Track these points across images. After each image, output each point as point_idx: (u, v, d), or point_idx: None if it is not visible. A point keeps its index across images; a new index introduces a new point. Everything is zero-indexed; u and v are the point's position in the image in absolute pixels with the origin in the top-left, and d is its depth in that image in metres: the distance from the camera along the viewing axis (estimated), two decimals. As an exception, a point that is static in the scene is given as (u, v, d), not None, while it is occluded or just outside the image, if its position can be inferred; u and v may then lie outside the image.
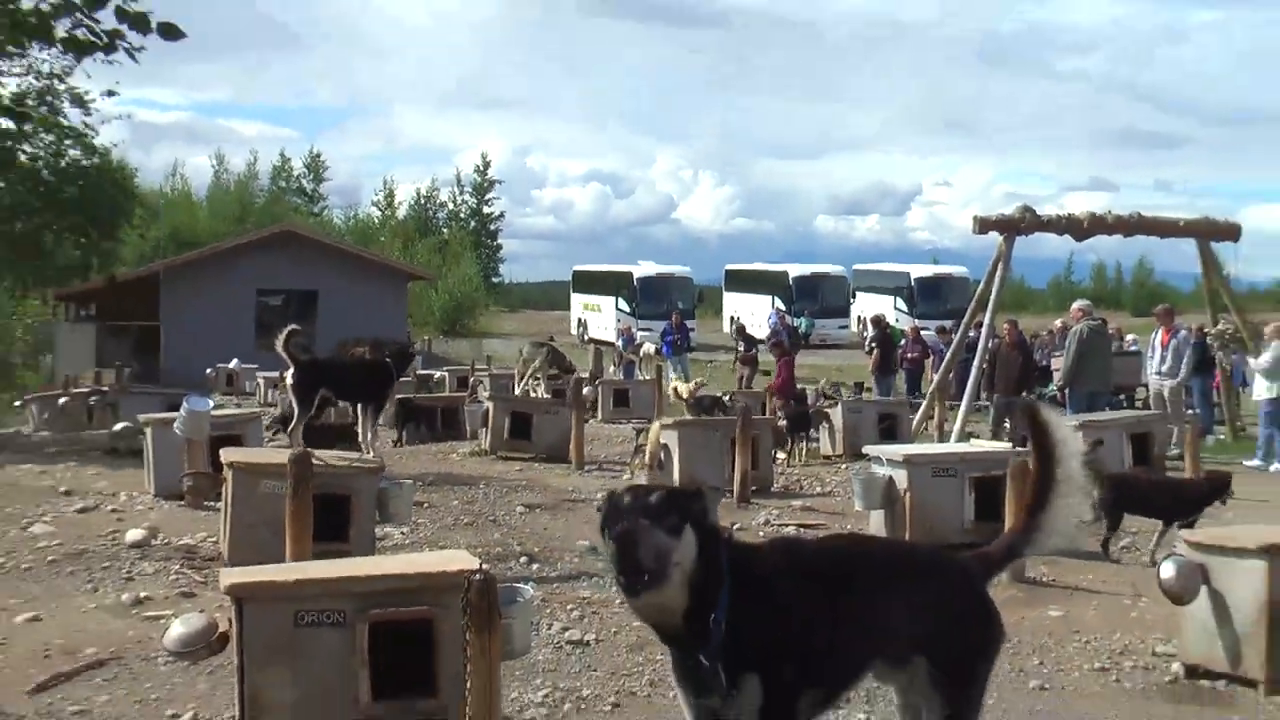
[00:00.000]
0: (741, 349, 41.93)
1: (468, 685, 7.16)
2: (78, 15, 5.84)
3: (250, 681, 8.22)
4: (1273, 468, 22.85)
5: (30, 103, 22.20)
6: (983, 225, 27.31)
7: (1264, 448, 23.59)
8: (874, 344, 38.45)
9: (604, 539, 4.68)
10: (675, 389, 31.50)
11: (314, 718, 8.25)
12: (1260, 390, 23.73)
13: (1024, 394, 26.12)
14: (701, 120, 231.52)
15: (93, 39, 5.86)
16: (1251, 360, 24.38)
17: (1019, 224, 27.09)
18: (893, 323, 45.81)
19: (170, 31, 5.87)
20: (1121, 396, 29.30)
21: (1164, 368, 25.69)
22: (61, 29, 5.86)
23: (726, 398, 29.07)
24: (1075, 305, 26.55)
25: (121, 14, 5.94)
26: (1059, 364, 28.10)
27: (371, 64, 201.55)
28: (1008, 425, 25.51)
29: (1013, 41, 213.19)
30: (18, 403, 36.29)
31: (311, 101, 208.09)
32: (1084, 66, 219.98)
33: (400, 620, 8.34)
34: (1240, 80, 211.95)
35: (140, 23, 5.76)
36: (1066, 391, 24.52)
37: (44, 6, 5.84)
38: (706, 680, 4.31)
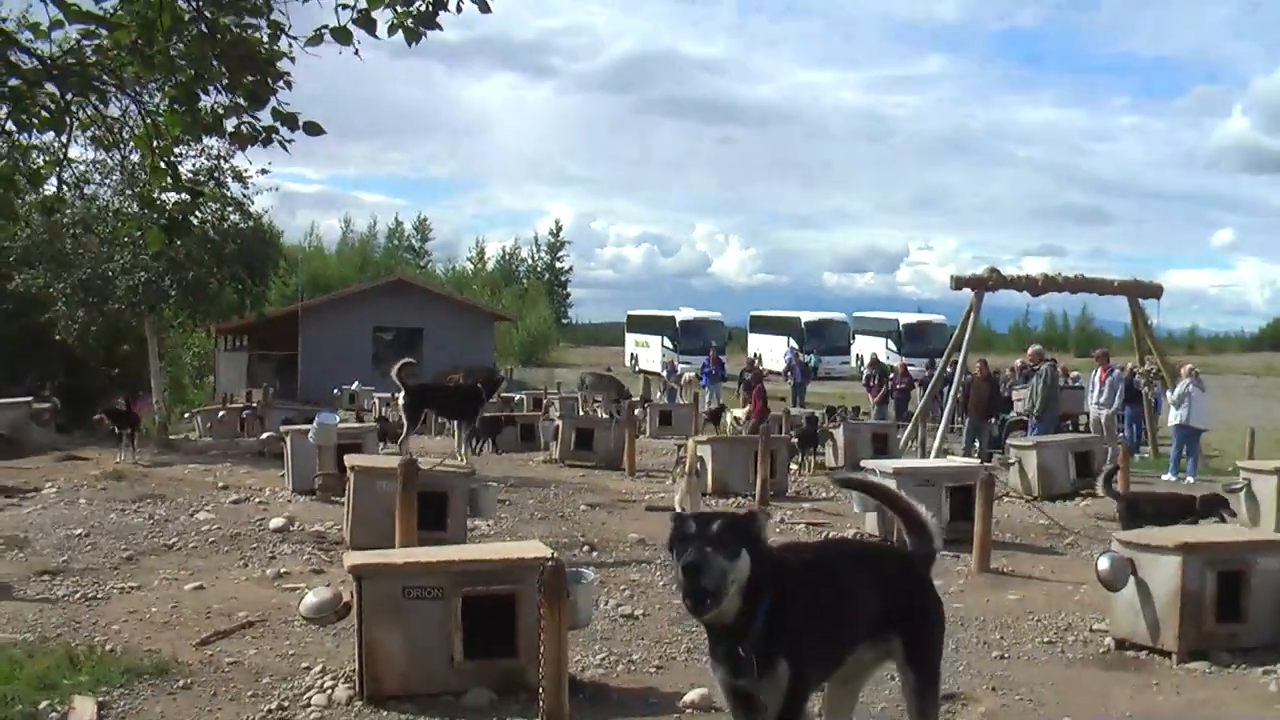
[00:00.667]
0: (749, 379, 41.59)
1: (541, 648, 7.19)
2: (243, 115, 5.96)
3: (367, 641, 8.29)
4: (1187, 479, 22.79)
5: (202, 179, 22.41)
6: (958, 283, 27.38)
7: (1174, 464, 23.69)
8: (872, 378, 38.32)
9: (673, 558, 4.56)
10: (734, 416, 31.33)
11: (418, 671, 8.30)
12: (1173, 418, 23.85)
13: (990, 419, 26.15)
14: (731, 196, 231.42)
15: (253, 134, 5.97)
16: (1168, 394, 24.40)
17: (987, 282, 27.15)
18: (884, 360, 45.67)
19: (313, 129, 5.96)
20: (1067, 422, 29.18)
21: (1101, 399, 25.91)
22: (229, 125, 5.99)
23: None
24: (1031, 349, 26.60)
25: (276, 114, 6.02)
26: (1019, 394, 28.07)
27: (469, 147, 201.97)
28: (977, 444, 25.47)
29: (975, 136, 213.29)
30: (187, 415, 36.59)
31: (421, 177, 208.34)
32: (1033, 155, 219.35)
33: (487, 595, 8.39)
34: (1157, 169, 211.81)
35: (290, 121, 5.84)
36: (1036, 418, 24.63)
37: (218, 108, 5.96)
38: (742, 666, 4.32)
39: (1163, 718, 8.26)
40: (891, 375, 38.39)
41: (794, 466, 22.75)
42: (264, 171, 26.84)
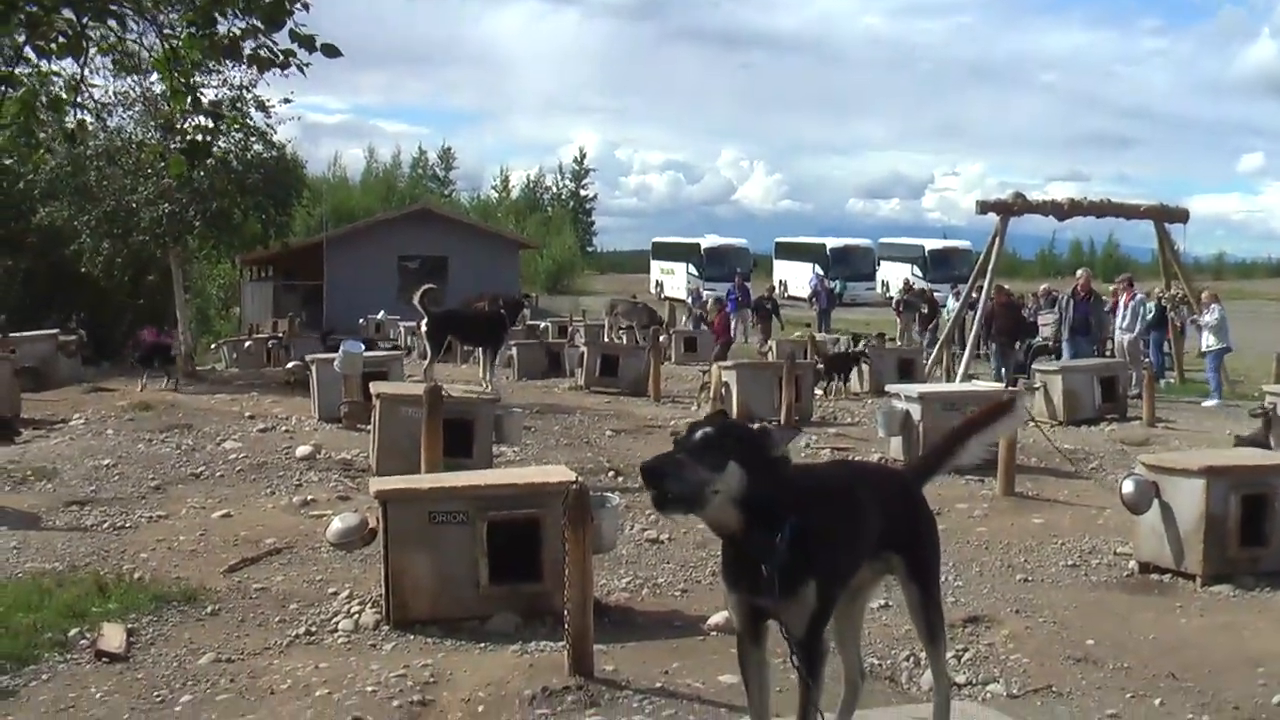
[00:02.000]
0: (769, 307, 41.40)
1: (566, 573, 7.21)
2: (260, 38, 5.91)
3: (393, 567, 8.34)
4: (1215, 402, 22.74)
5: (225, 110, 22.37)
6: (983, 207, 27.18)
7: (1217, 389, 23.54)
8: (901, 305, 38.33)
9: None
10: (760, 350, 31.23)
11: (444, 596, 8.35)
12: (1207, 342, 23.68)
13: (1015, 344, 25.99)
14: (755, 123, 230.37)
15: (271, 57, 5.92)
16: (1204, 318, 24.17)
17: (1012, 207, 26.88)
18: (914, 285, 45.58)
19: (330, 51, 5.92)
20: (1095, 348, 29.02)
21: (1124, 324, 25.72)
22: (248, 49, 5.95)
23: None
24: (1081, 272, 26.37)
25: (294, 36, 5.98)
26: (1045, 320, 27.96)
27: (493, 76, 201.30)
28: (1003, 370, 25.36)
29: (1000, 62, 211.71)
30: (213, 345, 36.72)
31: (444, 106, 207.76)
32: (1057, 81, 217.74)
33: (512, 520, 8.42)
34: (1183, 94, 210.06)
35: (308, 43, 5.81)
36: (1065, 343, 24.62)
37: (234, 31, 5.92)
38: (763, 586, 4.30)
39: (1186, 641, 8.26)
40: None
41: (819, 392, 22.72)
42: (286, 101, 26.73)
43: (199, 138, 6.87)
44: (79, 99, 7.07)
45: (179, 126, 7.11)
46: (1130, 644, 8.17)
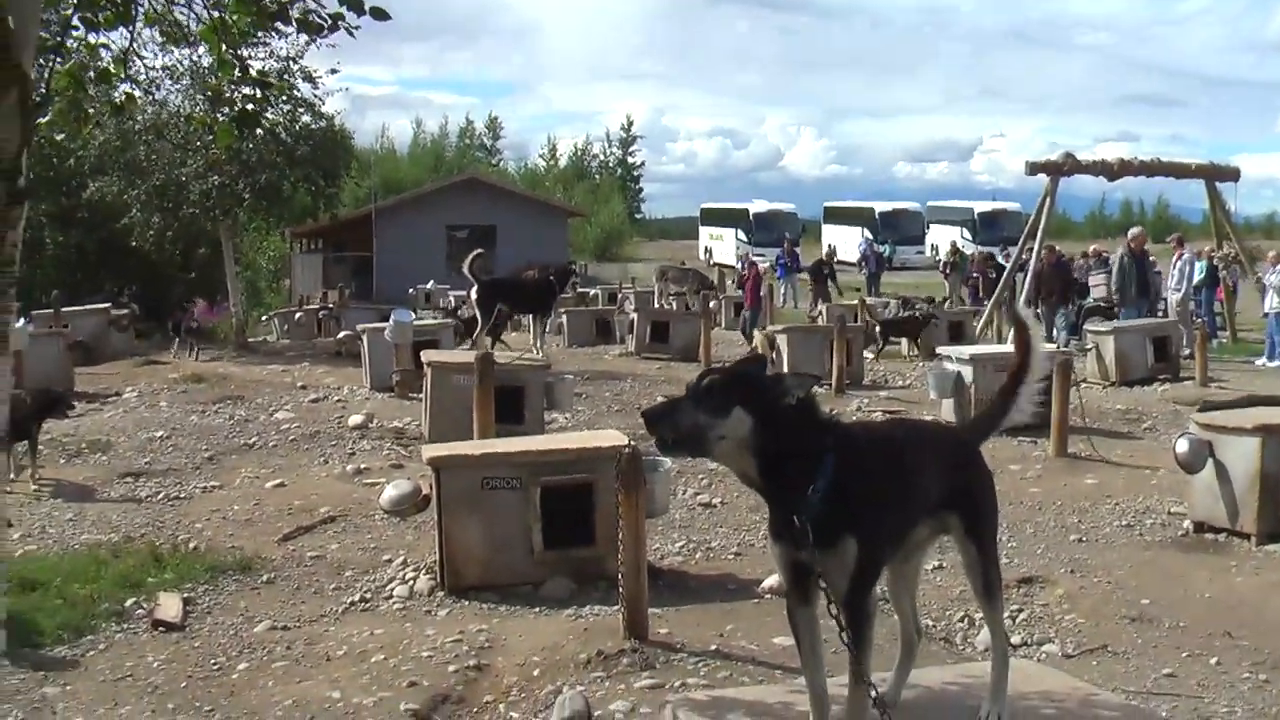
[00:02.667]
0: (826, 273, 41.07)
1: (620, 537, 7.22)
2: (309, 2, 5.93)
3: (447, 533, 8.38)
4: (1274, 363, 22.49)
5: (272, 80, 22.42)
6: (1032, 169, 26.99)
7: (1272, 349, 23.23)
8: (948, 268, 38.07)
9: None
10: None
11: (497, 562, 8.39)
12: (1271, 303, 23.30)
13: (1066, 304, 25.70)
14: (800, 88, 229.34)
15: (320, 21, 5.93)
16: (1270, 277, 23.79)
17: (1062, 167, 26.71)
18: (960, 248, 45.29)
19: (379, 14, 5.92)
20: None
21: (1174, 284, 25.49)
22: (295, 13, 5.96)
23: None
24: (1136, 231, 26.04)
25: (342, -2, 6.00)
26: (1096, 281, 27.70)
27: (538, 45, 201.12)
28: (1056, 331, 25.09)
29: (1042, 25, 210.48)
30: (264, 317, 36.91)
31: (491, 75, 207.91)
32: (1102, 42, 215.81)
33: (565, 485, 8.45)
34: (1231, 54, 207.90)
35: (356, 5, 5.81)
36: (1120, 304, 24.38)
37: (283, -4, 5.96)
38: (798, 538, 4.28)
39: (1242, 600, 8.21)
40: (969, 265, 38.10)
41: (869, 355, 22.64)
42: (333, 72, 26.94)
43: (247, 107, 6.87)
44: (128, 71, 7.08)
45: (227, 95, 7.07)
46: (1185, 603, 8.13)
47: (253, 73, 6.82)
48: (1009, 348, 19.83)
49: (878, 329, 24.19)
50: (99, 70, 6.96)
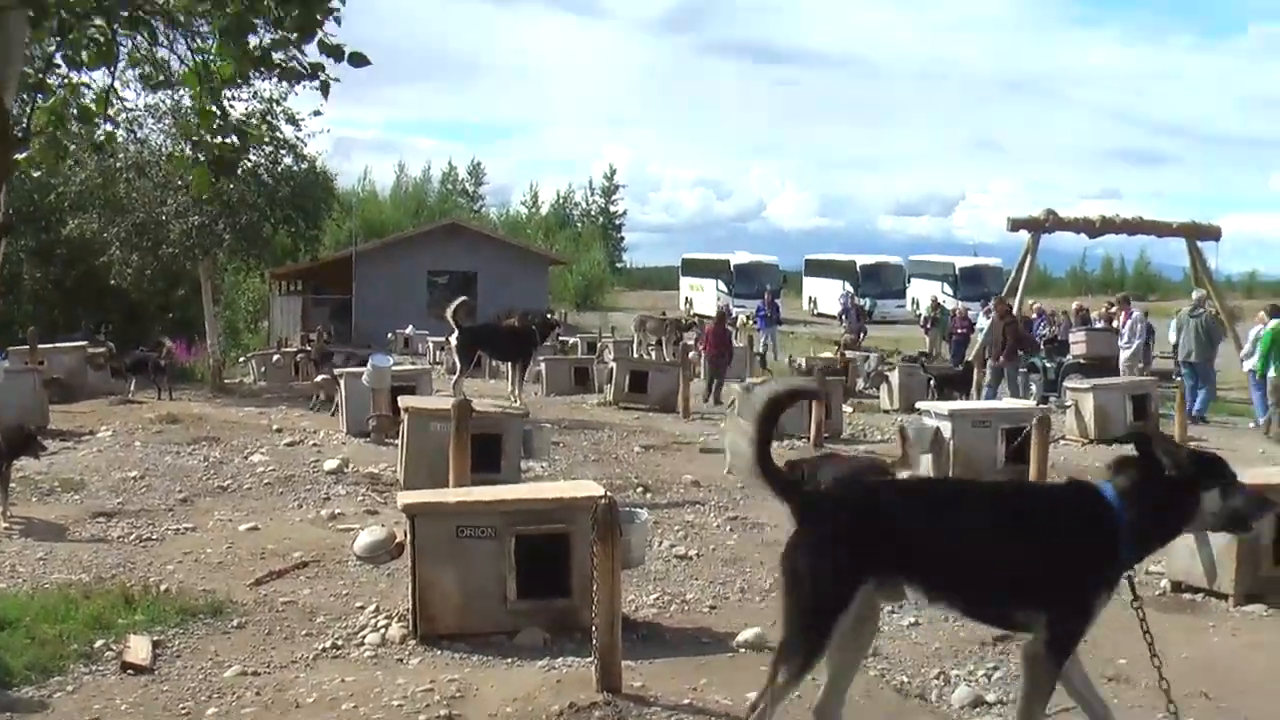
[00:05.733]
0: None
1: (594, 588, 7.19)
2: (291, 50, 5.94)
3: (421, 581, 8.34)
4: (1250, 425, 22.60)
5: (254, 122, 22.48)
6: (1014, 224, 27.19)
7: (1261, 408, 23.09)
8: (929, 323, 38.25)
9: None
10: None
11: (471, 611, 8.34)
12: (1247, 364, 23.33)
13: (1009, 361, 24.70)
14: (786, 138, 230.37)
15: (300, 70, 5.95)
16: (1235, 337, 24.00)
17: (1044, 223, 26.92)
18: (942, 303, 45.46)
19: (358, 60, 5.95)
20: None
21: (1124, 343, 25.78)
22: (277, 59, 5.98)
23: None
24: (1196, 293, 25.89)
25: (323, 46, 6.00)
26: (1076, 338, 27.81)
27: (524, 92, 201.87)
28: (1003, 388, 24.53)
29: (1034, 78, 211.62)
30: (242, 359, 36.83)
31: (475, 120, 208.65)
32: (1091, 97, 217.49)
33: (540, 535, 8.42)
34: (1217, 111, 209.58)
35: (336, 53, 5.83)
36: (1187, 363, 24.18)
37: (265, 42, 5.95)
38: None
39: (1219, 660, 8.19)
40: (950, 319, 38.28)
41: (849, 409, 22.67)
42: (316, 114, 26.90)
43: (225, 156, 6.88)
44: (109, 110, 7.09)
45: (204, 140, 7.07)
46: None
47: (233, 118, 6.83)
48: (989, 403, 19.95)
49: (931, 382, 24.22)
50: (80, 108, 6.97)
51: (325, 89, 6.46)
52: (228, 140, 7.01)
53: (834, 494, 6.37)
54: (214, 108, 6.59)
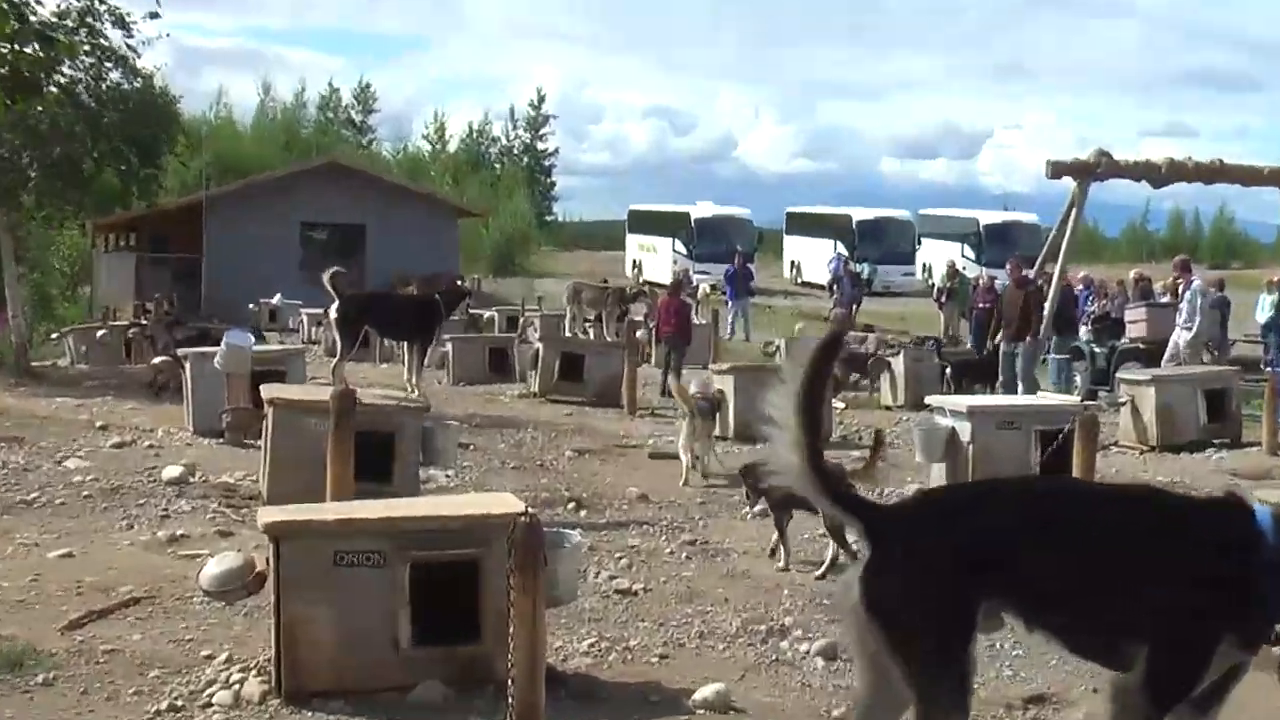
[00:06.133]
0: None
1: (511, 631, 7.17)
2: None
3: (287, 622, 8.28)
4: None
5: (70, 23, 22.23)
6: (1056, 170, 27.05)
7: None
8: (944, 296, 38.42)
9: None
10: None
11: (353, 660, 8.30)
12: None
13: (1028, 338, 24.68)
14: (764, 58, 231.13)
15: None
16: None
17: (1094, 169, 26.80)
18: (960, 270, 45.58)
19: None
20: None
21: (1182, 320, 25.77)
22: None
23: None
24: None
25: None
26: (1135, 315, 27.94)
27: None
28: (1018, 374, 24.58)
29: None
30: (55, 335, 36.52)
31: (363, 29, 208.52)
32: (1153, 3, 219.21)
33: (443, 563, 8.39)
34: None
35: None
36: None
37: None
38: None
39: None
40: (973, 290, 38.36)
41: (840, 404, 22.74)
42: (153, 15, 26.43)
43: (26, 73, 6.78)
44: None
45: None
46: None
47: (35, 20, 6.73)
48: (1019, 399, 19.97)
49: (948, 371, 24.23)
50: None
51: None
52: (28, 49, 6.90)
53: (924, 505, 6.24)
54: (5, 5, 6.48)
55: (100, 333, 32.03)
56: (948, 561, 5.36)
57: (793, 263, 72.23)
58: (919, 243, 69.34)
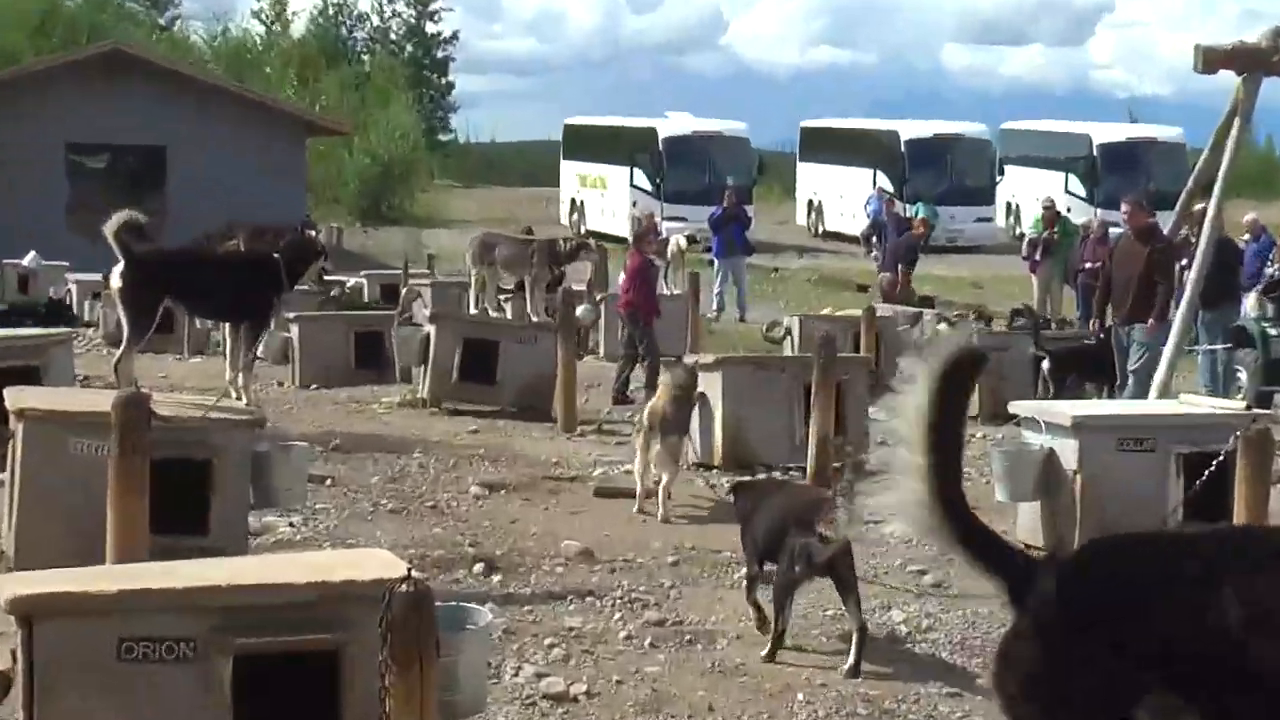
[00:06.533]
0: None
1: (386, 755, 7.19)
2: None
3: (48, 743, 8.27)
4: None
5: None
6: (1209, 60, 27.14)
7: None
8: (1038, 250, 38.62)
9: None
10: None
11: (145, 803, 8.29)
12: None
13: (1150, 322, 24.59)
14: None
15: None
16: None
17: (1270, 59, 26.94)
18: (1064, 212, 45.56)
19: None
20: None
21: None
22: None
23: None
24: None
25: None
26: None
27: None
28: (1217, 366, 24.72)
29: None
30: None
31: None
32: None
33: (284, 654, 8.38)
34: None
35: None
36: None
37: None
38: None
39: None
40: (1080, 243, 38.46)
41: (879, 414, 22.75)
42: None
43: None
44: None
45: None
46: None
47: None
48: (1153, 406, 20.04)
49: (1045, 364, 24.28)
50: None
51: None
52: None
53: (1083, 561, 6.16)
54: None
55: None
56: (1103, 641, 5.43)
57: (810, 203, 72.13)
58: (1001, 172, 68.92)
